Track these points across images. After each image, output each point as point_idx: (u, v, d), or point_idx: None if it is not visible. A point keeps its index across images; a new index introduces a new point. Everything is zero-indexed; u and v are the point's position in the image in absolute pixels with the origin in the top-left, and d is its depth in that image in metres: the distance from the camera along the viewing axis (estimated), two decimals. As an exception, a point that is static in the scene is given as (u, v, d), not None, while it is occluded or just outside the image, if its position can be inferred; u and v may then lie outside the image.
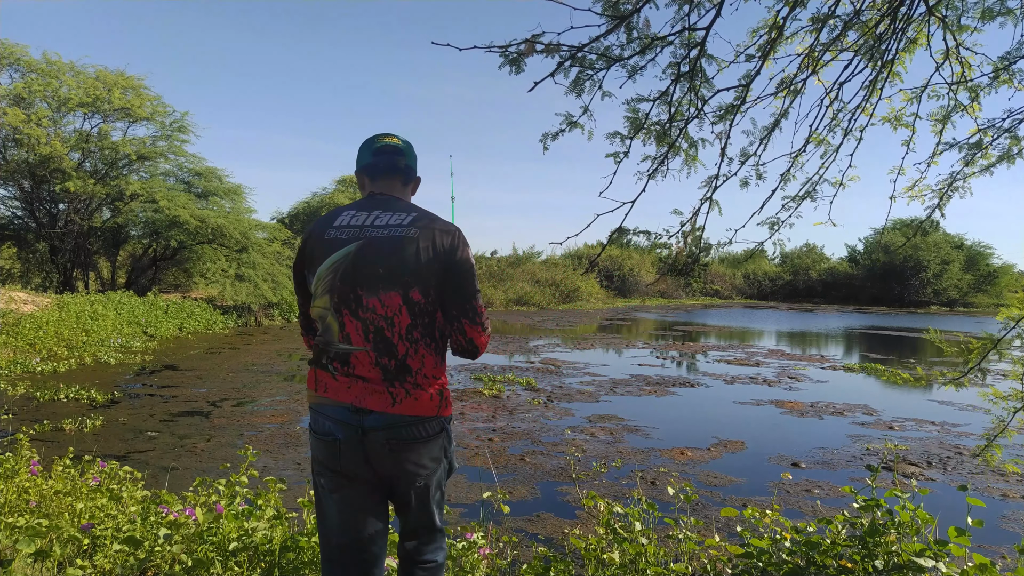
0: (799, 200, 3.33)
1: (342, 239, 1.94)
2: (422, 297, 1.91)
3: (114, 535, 3.11)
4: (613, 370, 13.09)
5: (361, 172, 2.12)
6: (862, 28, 3.09)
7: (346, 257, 1.91)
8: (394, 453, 1.90)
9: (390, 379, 1.90)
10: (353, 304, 1.90)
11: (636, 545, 3.14)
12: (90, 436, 7.07)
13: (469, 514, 5.18)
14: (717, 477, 6.52)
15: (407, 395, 1.91)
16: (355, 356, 1.91)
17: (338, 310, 1.92)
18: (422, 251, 1.90)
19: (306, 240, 2.03)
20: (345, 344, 1.91)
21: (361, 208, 2.01)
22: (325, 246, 1.95)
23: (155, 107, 20.12)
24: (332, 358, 1.94)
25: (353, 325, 1.91)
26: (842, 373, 13.82)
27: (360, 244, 1.92)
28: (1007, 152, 3.22)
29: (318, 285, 1.95)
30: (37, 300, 15.63)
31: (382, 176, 2.08)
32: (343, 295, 1.91)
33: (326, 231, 1.97)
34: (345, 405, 1.90)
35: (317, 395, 1.97)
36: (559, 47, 2.59)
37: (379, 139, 2.11)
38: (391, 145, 2.09)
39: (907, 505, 2.71)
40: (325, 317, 1.94)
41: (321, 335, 1.96)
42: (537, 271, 35.44)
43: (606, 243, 3.26)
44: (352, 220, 1.97)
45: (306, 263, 2.01)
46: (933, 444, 8.10)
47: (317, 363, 1.98)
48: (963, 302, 43.90)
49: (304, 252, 2.02)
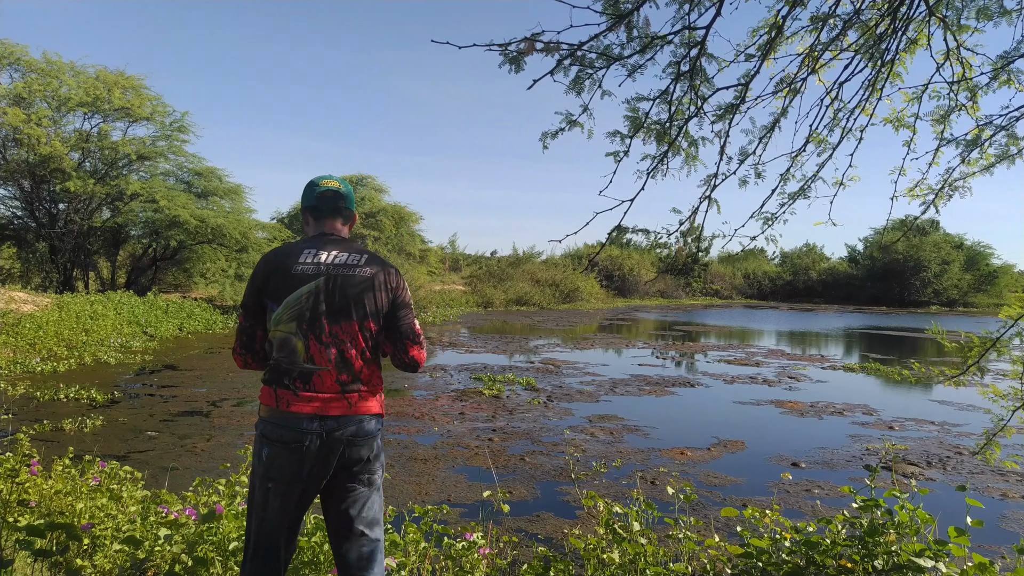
0: (794, 197, 3.32)
1: (308, 274, 2.27)
2: (374, 325, 2.33)
3: (114, 535, 3.11)
4: (613, 370, 13.09)
5: (306, 211, 2.47)
6: (862, 28, 3.09)
7: (314, 289, 2.26)
8: (352, 448, 2.25)
9: (347, 390, 2.26)
10: (318, 330, 2.24)
11: (635, 545, 3.14)
12: (90, 436, 7.07)
13: (469, 514, 5.18)
14: (717, 477, 6.52)
15: (360, 399, 2.28)
16: (317, 374, 2.24)
17: (305, 335, 2.24)
18: (377, 289, 2.32)
19: (269, 271, 2.30)
20: (309, 364, 2.23)
21: (319, 247, 2.34)
22: (292, 279, 2.26)
23: (155, 107, 20.12)
24: (295, 377, 2.23)
25: (317, 348, 2.24)
26: (842, 373, 13.82)
27: (325, 279, 2.27)
28: (1006, 151, 3.22)
29: (284, 312, 2.25)
30: (37, 300, 15.63)
31: (326, 218, 2.44)
32: (311, 323, 2.24)
33: (292, 266, 2.28)
34: (309, 416, 2.20)
35: (280, 410, 2.22)
36: (559, 46, 2.59)
37: (321, 183, 2.45)
38: (332, 190, 2.45)
39: (906, 505, 2.70)
40: (290, 340, 2.25)
41: (282, 355, 2.26)
42: (537, 271, 35.43)
43: (605, 242, 3.26)
44: (314, 258, 2.31)
45: (268, 292, 2.29)
46: (933, 444, 8.10)
47: (278, 383, 2.25)
48: (963, 302, 43.89)
49: (268, 281, 2.29)
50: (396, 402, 9.42)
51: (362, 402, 2.28)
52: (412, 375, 11.87)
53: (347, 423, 2.23)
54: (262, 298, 2.30)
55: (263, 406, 2.28)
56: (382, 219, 28.02)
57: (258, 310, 2.32)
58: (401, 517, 3.48)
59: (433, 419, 8.44)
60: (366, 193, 29.35)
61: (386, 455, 6.85)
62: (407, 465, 6.54)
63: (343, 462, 2.25)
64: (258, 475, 2.25)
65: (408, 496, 5.64)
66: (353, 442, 2.25)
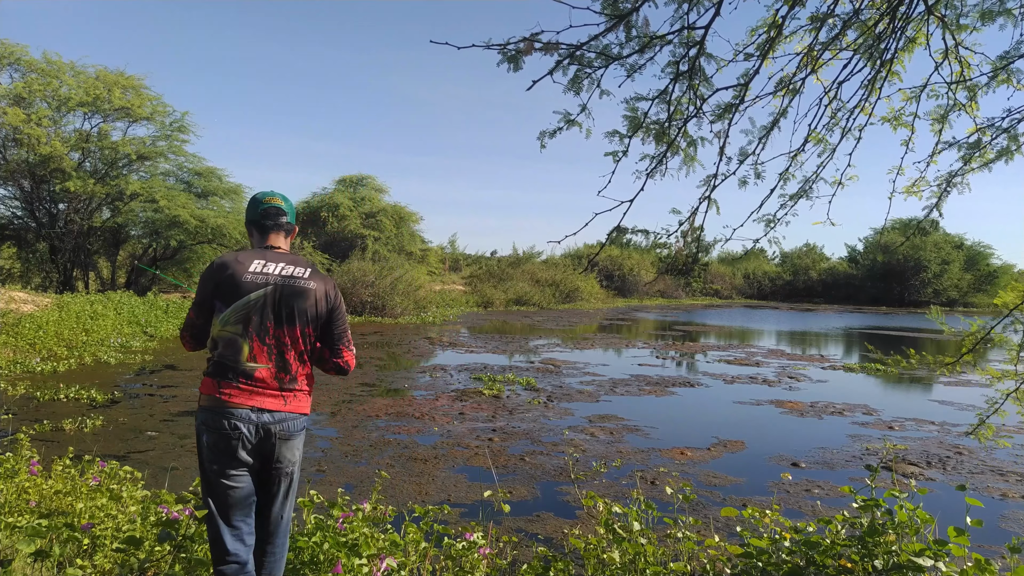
0: (795, 198, 3.32)
1: (257, 283, 2.53)
2: (313, 331, 2.61)
3: (114, 535, 3.11)
4: (613, 370, 13.09)
5: (250, 225, 2.74)
6: (861, 27, 3.09)
7: (262, 297, 2.52)
8: (282, 440, 2.53)
9: (283, 388, 2.54)
10: (263, 333, 2.51)
11: (635, 545, 3.14)
12: (90, 436, 7.07)
13: (469, 514, 5.18)
14: (717, 477, 6.52)
15: (294, 398, 2.57)
16: (259, 372, 2.50)
17: (250, 337, 2.49)
18: (318, 299, 2.60)
19: (221, 276, 2.53)
20: (252, 362, 2.49)
21: (267, 259, 2.61)
22: (243, 286, 2.51)
23: (155, 107, 20.11)
24: (239, 374, 2.48)
25: (260, 349, 2.50)
26: (842, 373, 13.82)
27: (273, 288, 2.54)
28: (1005, 149, 3.22)
29: (232, 315, 2.50)
30: (37, 300, 15.63)
31: (270, 231, 2.70)
32: (256, 326, 2.50)
33: (243, 274, 2.53)
34: (249, 408, 2.47)
35: (222, 401, 2.47)
36: (558, 45, 2.59)
37: (264, 200, 2.71)
38: (275, 207, 2.71)
39: (906, 505, 2.70)
40: (236, 340, 2.49)
41: (226, 352, 2.50)
42: (537, 271, 35.41)
43: (605, 242, 3.26)
44: (264, 268, 2.57)
45: (219, 295, 2.53)
46: (933, 444, 8.10)
47: (221, 376, 2.49)
48: (963, 302, 43.87)
49: (220, 285, 2.53)
50: (396, 402, 9.42)
51: (296, 401, 2.57)
52: (412, 375, 11.88)
53: (281, 419, 2.51)
54: (213, 300, 2.53)
55: (204, 396, 2.51)
56: (382, 219, 28.04)
57: (208, 310, 2.56)
58: (401, 517, 3.48)
59: (433, 419, 8.44)
60: (366, 193, 29.38)
61: (386, 455, 6.85)
62: (407, 465, 6.54)
63: (273, 453, 2.52)
64: (204, 459, 2.50)
65: (408, 496, 5.64)
66: (284, 436, 2.52)
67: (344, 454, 6.83)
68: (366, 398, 9.64)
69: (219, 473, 2.48)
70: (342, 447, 7.06)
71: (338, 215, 26.92)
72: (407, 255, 28.28)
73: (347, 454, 6.83)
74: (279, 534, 2.66)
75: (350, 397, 9.65)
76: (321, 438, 7.39)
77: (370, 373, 11.79)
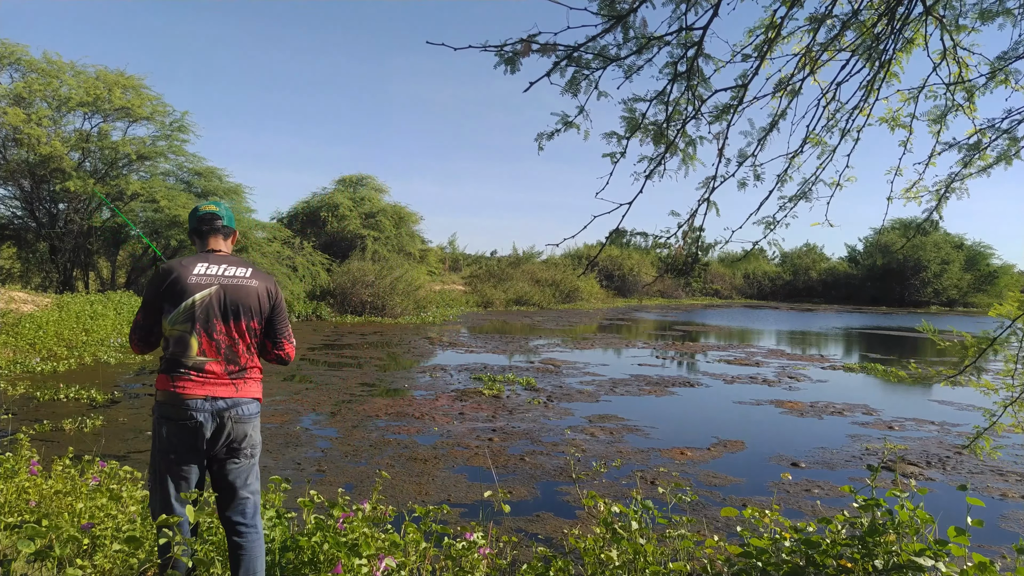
0: (795, 200, 3.32)
1: (202, 284, 2.72)
2: (258, 326, 2.84)
3: (114, 535, 3.11)
4: (613, 370, 13.09)
5: (192, 233, 2.96)
6: (860, 28, 3.09)
7: (207, 296, 2.71)
8: (237, 423, 2.71)
9: (234, 377, 2.74)
10: (211, 329, 2.71)
11: (635, 544, 3.14)
12: (90, 436, 7.07)
13: (469, 514, 5.18)
14: (717, 477, 6.53)
15: (244, 384, 2.76)
16: (209, 365, 2.69)
17: (198, 333, 2.69)
18: (261, 297, 2.83)
19: (170, 280, 2.71)
20: (202, 357, 2.69)
21: (210, 261, 2.81)
22: (189, 287, 2.70)
23: (155, 107, 20.09)
24: (190, 367, 2.66)
25: (210, 344, 2.70)
26: (842, 373, 13.82)
27: (218, 288, 2.74)
28: (1005, 153, 3.22)
29: (179, 315, 2.68)
30: (37, 300, 15.63)
31: (209, 236, 2.91)
32: (204, 323, 2.70)
33: (189, 276, 2.72)
34: (202, 397, 2.65)
35: (177, 394, 2.64)
36: (555, 47, 2.59)
37: (201, 208, 2.95)
38: (210, 212, 2.93)
39: (906, 505, 2.71)
40: (185, 337, 2.68)
41: (177, 349, 2.68)
42: (537, 271, 35.42)
43: (604, 244, 3.26)
44: (208, 270, 2.77)
45: (167, 297, 2.71)
46: (933, 444, 8.10)
47: (175, 371, 2.66)
48: (963, 302, 43.87)
49: (168, 288, 2.71)
50: (396, 402, 9.42)
51: (246, 387, 2.76)
52: (412, 375, 11.88)
53: (234, 404, 2.70)
54: (161, 303, 2.72)
55: (160, 391, 2.68)
56: (382, 219, 28.02)
57: (155, 311, 2.75)
58: (401, 517, 3.49)
59: (433, 419, 8.44)
60: (366, 193, 29.35)
61: (386, 455, 6.85)
62: (407, 465, 6.54)
63: (230, 437, 2.70)
64: (159, 451, 2.68)
65: (408, 496, 5.64)
66: (239, 419, 2.71)
67: (344, 454, 6.83)
68: (366, 398, 9.64)
69: (176, 462, 2.65)
70: (342, 447, 7.07)
71: (338, 215, 26.91)
72: (407, 255, 28.25)
73: (347, 454, 6.84)
74: (247, 516, 2.77)
75: (350, 397, 9.66)
76: (321, 438, 7.39)
77: (370, 373, 11.79)
